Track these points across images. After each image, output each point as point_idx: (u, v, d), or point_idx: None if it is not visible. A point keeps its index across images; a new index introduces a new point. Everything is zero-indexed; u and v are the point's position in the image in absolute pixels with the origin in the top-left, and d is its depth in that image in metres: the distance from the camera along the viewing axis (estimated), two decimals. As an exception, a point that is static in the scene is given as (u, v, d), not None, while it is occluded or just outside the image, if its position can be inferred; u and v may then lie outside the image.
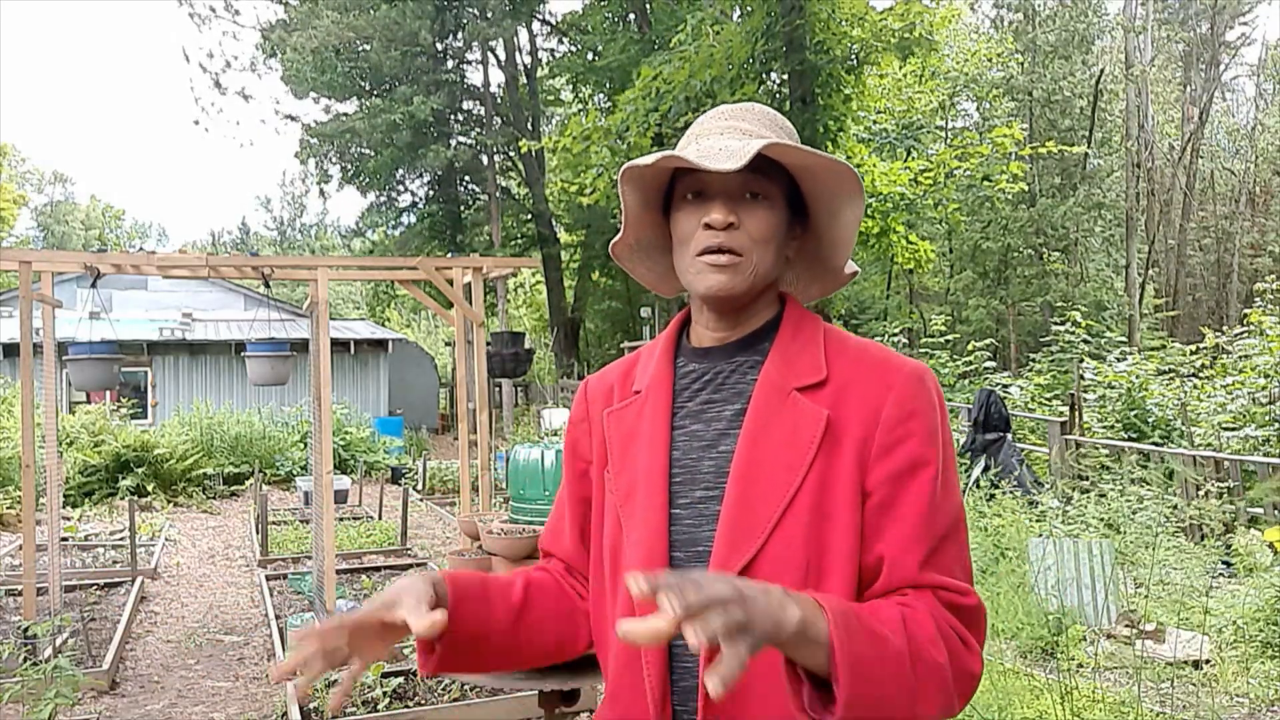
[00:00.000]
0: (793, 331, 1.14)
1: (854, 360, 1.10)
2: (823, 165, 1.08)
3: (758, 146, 1.03)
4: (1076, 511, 6.01)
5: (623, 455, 1.16)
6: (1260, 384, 10.45)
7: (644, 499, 1.11)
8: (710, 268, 1.09)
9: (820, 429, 1.05)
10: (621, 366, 1.27)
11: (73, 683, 4.17)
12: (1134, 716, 3.64)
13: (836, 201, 1.13)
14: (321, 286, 5.62)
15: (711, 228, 1.08)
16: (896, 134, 14.88)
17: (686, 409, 1.15)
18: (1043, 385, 14.73)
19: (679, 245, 1.14)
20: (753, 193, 1.09)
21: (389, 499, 10.79)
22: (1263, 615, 4.83)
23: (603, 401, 1.24)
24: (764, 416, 1.08)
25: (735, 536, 1.03)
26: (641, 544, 1.10)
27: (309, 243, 53.20)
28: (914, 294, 25.16)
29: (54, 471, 5.58)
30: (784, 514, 1.02)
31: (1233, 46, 30.95)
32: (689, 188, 1.11)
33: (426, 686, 4.51)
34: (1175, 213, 28.96)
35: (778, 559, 1.01)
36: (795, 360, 1.11)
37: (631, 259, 1.25)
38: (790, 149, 1.06)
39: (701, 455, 1.11)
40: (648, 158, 1.09)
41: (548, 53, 23.07)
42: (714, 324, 1.16)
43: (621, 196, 1.15)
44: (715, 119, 1.16)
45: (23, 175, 48.57)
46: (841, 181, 1.10)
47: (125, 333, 15.53)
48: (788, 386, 1.09)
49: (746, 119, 1.14)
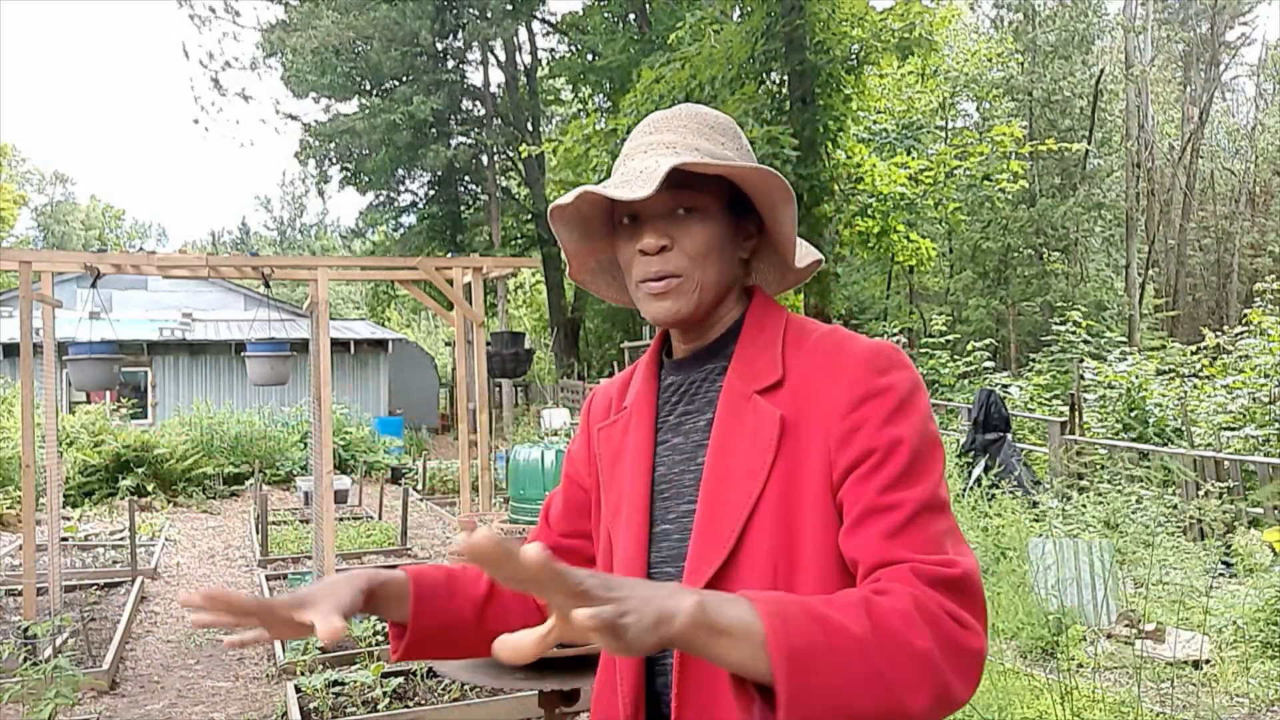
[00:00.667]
0: (754, 332, 1.11)
1: (810, 353, 1.07)
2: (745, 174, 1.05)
3: (665, 168, 0.99)
4: (1076, 511, 6.01)
5: (611, 472, 1.17)
6: (1260, 384, 10.45)
7: (627, 517, 1.12)
8: (652, 297, 1.08)
9: (776, 430, 1.02)
10: (623, 377, 1.27)
11: (73, 683, 4.17)
12: (1134, 716, 3.64)
13: (771, 202, 1.09)
14: (321, 287, 5.62)
15: (646, 254, 1.07)
16: (896, 134, 14.88)
17: (669, 422, 1.15)
18: (1042, 385, 14.74)
19: (624, 273, 1.13)
20: (686, 208, 1.06)
21: (389, 499, 10.79)
22: (1263, 615, 4.83)
23: (600, 415, 1.25)
24: (727, 424, 1.07)
25: (703, 547, 1.03)
26: (623, 564, 1.10)
27: (309, 243, 53.21)
28: (914, 294, 25.16)
29: (54, 471, 5.58)
30: (749, 520, 1.01)
31: (1233, 46, 30.96)
32: (623, 212, 1.09)
33: (427, 687, 4.51)
34: (1175, 213, 28.97)
35: (746, 565, 1.00)
36: (754, 362, 1.09)
37: (595, 282, 1.24)
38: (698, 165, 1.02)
39: (683, 469, 1.10)
40: (567, 197, 1.08)
41: (547, 53, 23.07)
42: (680, 336, 1.16)
43: (557, 235, 1.15)
44: (640, 135, 1.12)
45: (23, 175, 48.59)
46: (770, 183, 1.06)
47: (125, 333, 15.53)
48: (748, 390, 1.07)
49: (672, 128, 1.10)
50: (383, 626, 5.38)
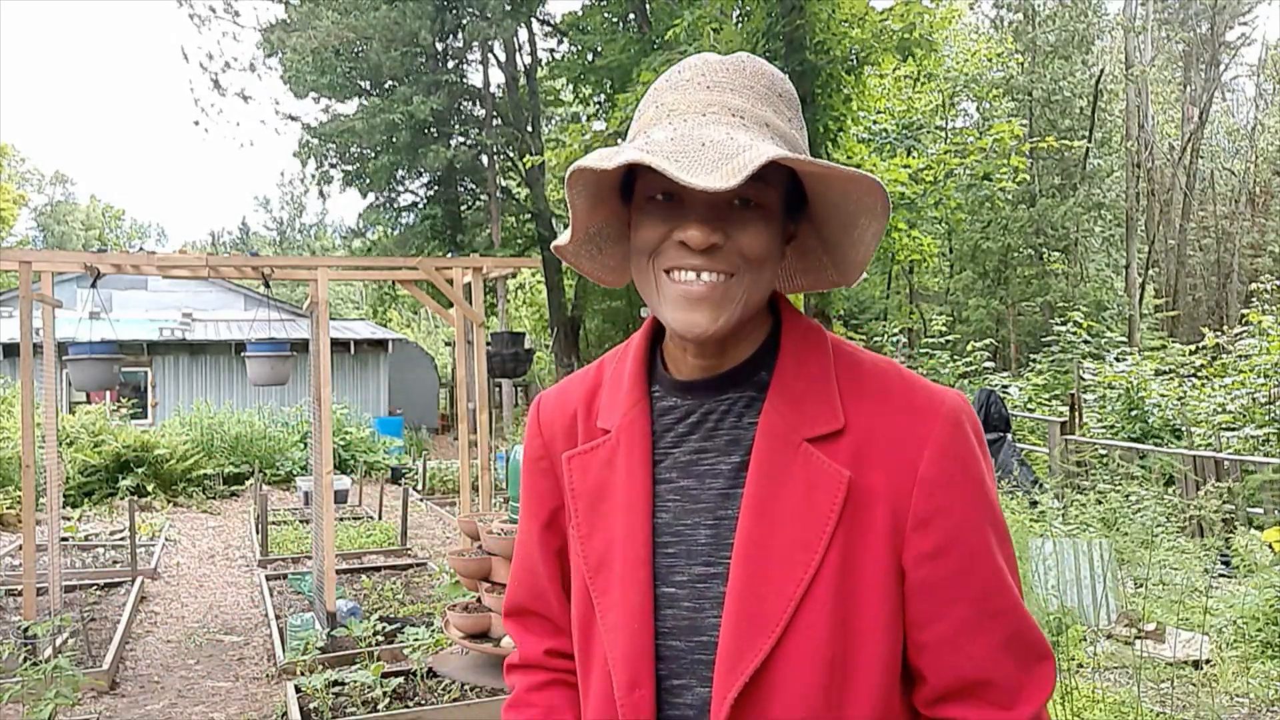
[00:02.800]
0: (796, 360, 0.92)
1: (876, 399, 0.89)
2: (841, 178, 0.85)
3: (759, 160, 0.78)
4: (1076, 511, 6.01)
5: (590, 514, 0.96)
6: (1260, 384, 10.44)
7: (622, 573, 0.92)
8: (685, 301, 0.86)
9: (841, 494, 0.86)
10: (585, 385, 1.03)
11: (73, 683, 4.17)
12: (1134, 716, 3.64)
13: (854, 211, 0.89)
14: (321, 287, 5.62)
15: (688, 247, 0.86)
16: (896, 134, 14.89)
17: (672, 458, 0.93)
18: (1042, 385, 14.74)
19: (638, 253, 0.90)
20: (743, 199, 0.86)
21: (389, 499, 10.79)
22: (1263, 615, 4.83)
23: (563, 437, 1.01)
24: (770, 477, 0.88)
25: (745, 631, 0.85)
26: (622, 629, 0.91)
27: (309, 243, 53.20)
28: (914, 294, 25.13)
29: (54, 471, 5.58)
30: (802, 601, 0.85)
31: (1233, 46, 30.95)
32: (658, 185, 0.87)
33: (427, 687, 4.51)
34: (1175, 213, 28.95)
35: (798, 657, 0.85)
36: (802, 401, 0.89)
37: (576, 254, 0.99)
38: (805, 163, 0.82)
39: (697, 521, 0.91)
40: (607, 158, 0.84)
41: (547, 53, 23.07)
42: (694, 352, 0.93)
43: (569, 201, 0.90)
44: (695, 86, 0.88)
45: (23, 175, 48.56)
46: (864, 191, 0.85)
47: (125, 333, 15.53)
48: (797, 437, 0.88)
49: (736, 88, 0.87)
50: (382, 626, 5.38)
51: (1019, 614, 0.88)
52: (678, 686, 0.90)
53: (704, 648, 0.88)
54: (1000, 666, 0.86)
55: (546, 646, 1.05)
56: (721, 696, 0.85)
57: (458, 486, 11.54)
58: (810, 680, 0.85)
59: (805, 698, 0.85)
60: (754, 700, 0.85)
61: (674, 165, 0.79)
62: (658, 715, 0.90)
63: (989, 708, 0.86)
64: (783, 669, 0.85)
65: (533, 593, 1.07)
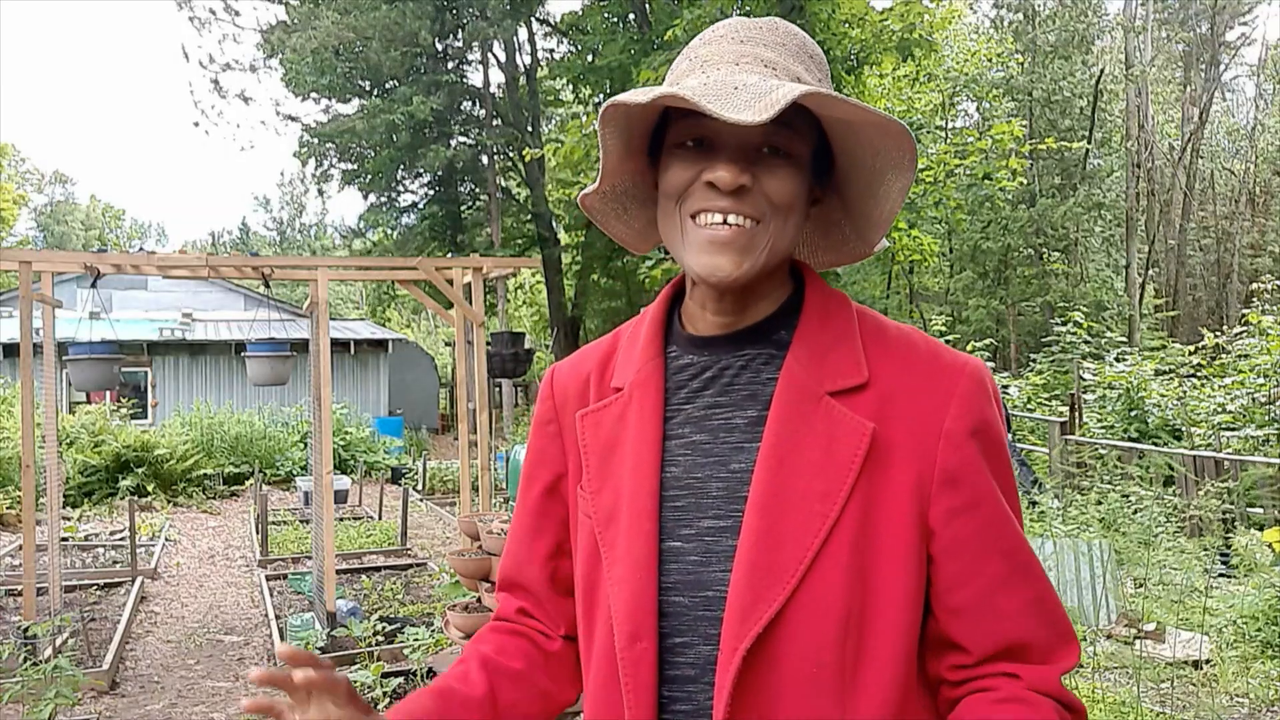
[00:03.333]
0: (820, 319, 0.91)
1: (900, 357, 0.89)
2: (871, 122, 0.84)
3: (793, 94, 0.78)
4: (1076, 511, 6.01)
5: (601, 469, 0.94)
6: (1259, 384, 10.45)
7: (629, 525, 0.90)
8: (710, 245, 0.86)
9: (864, 445, 0.85)
10: (599, 351, 1.02)
11: (73, 683, 4.17)
12: (1134, 716, 3.64)
13: (880, 167, 0.89)
14: (321, 287, 5.62)
15: (716, 188, 0.85)
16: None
17: (685, 413, 0.92)
18: (1041, 385, 14.74)
19: (666, 198, 0.90)
20: (773, 147, 0.86)
21: (389, 499, 10.79)
22: (1263, 615, 4.83)
23: (576, 399, 1.00)
24: (790, 428, 0.86)
25: (757, 583, 0.83)
26: (626, 582, 0.89)
27: (309, 243, 53.20)
28: (914, 294, 25.13)
29: (54, 471, 5.58)
30: (819, 553, 0.83)
31: (1233, 46, 30.94)
32: (689, 132, 0.87)
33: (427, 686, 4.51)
34: (1175, 213, 28.96)
35: (811, 610, 0.82)
36: (826, 356, 0.89)
37: (604, 211, 0.99)
38: (837, 101, 0.81)
39: (709, 474, 0.89)
40: (641, 94, 0.83)
41: (547, 53, 23.07)
42: (715, 306, 0.93)
43: (601, 141, 0.90)
44: (728, 40, 0.89)
45: (23, 175, 48.57)
46: (892, 144, 0.86)
47: (125, 333, 15.53)
48: (819, 390, 0.87)
49: (769, 43, 0.88)
50: (382, 626, 5.38)
51: (1041, 572, 0.87)
52: (679, 644, 0.87)
53: (708, 604, 0.86)
54: (1035, 629, 0.85)
55: (520, 606, 1.05)
56: (732, 648, 0.82)
57: (458, 486, 11.54)
58: (824, 635, 0.82)
59: (819, 653, 0.82)
60: (765, 654, 0.83)
61: (709, 102, 0.79)
62: (659, 673, 0.87)
63: (1024, 664, 0.85)
64: (796, 622, 0.82)
65: (517, 561, 1.06)
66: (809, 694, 0.82)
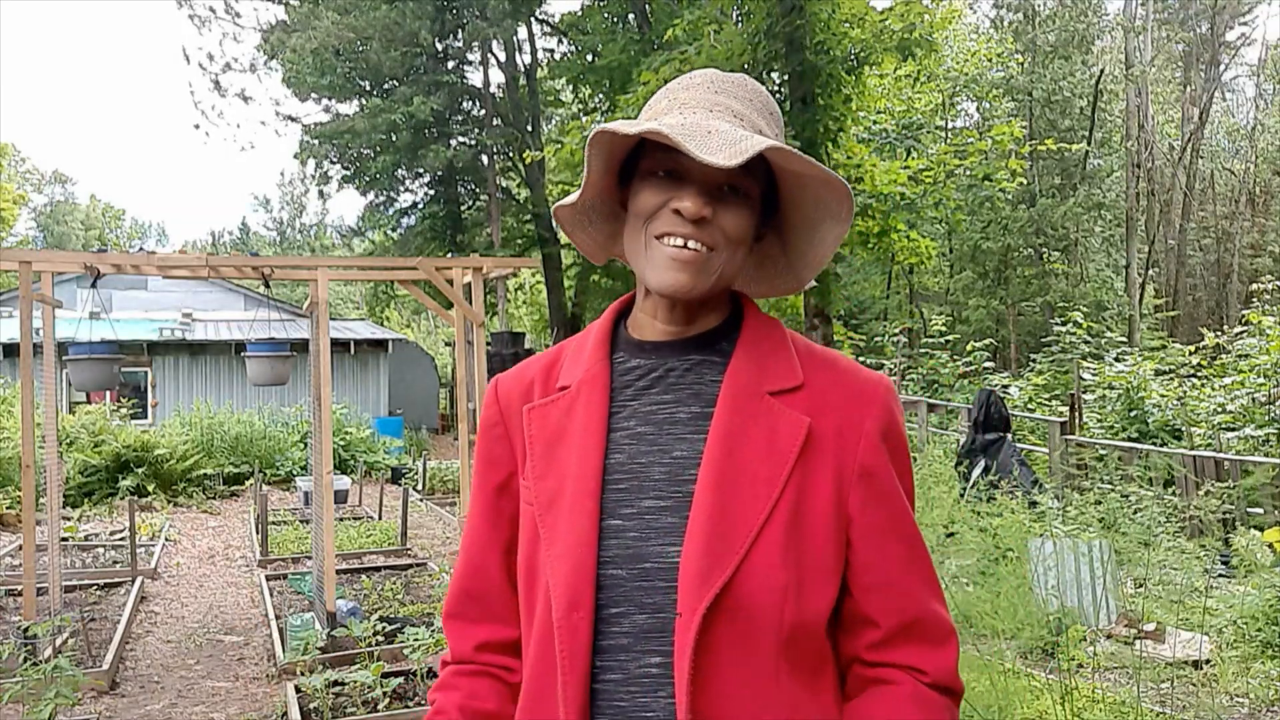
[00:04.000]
0: (757, 334, 1.04)
1: (828, 369, 1.03)
2: (819, 177, 0.97)
3: (761, 145, 0.91)
4: (1076, 511, 6.01)
5: (545, 458, 1.02)
6: (1259, 384, 10.45)
7: (571, 505, 0.97)
8: (672, 262, 0.97)
9: (801, 436, 0.97)
10: (543, 361, 1.12)
11: (73, 683, 4.17)
12: (1134, 716, 3.64)
13: (820, 216, 1.02)
14: (321, 287, 5.62)
15: (681, 216, 0.96)
16: (896, 134, 14.89)
17: (630, 408, 1.02)
18: (1041, 385, 14.74)
19: (635, 218, 1.01)
20: (733, 187, 0.98)
21: (389, 499, 10.80)
22: (1263, 615, 4.83)
23: (520, 403, 1.08)
24: (737, 419, 0.97)
25: (711, 551, 0.92)
26: (567, 557, 0.95)
27: (309, 243, 53.20)
28: (914, 294, 25.15)
29: (54, 471, 5.58)
30: (763, 528, 0.93)
31: (1233, 46, 30.95)
32: (663, 164, 0.98)
33: (427, 687, 4.51)
34: (1175, 213, 28.96)
35: (757, 576, 0.92)
36: (765, 362, 1.01)
37: (573, 222, 1.09)
38: (794, 156, 0.94)
39: (652, 460, 0.99)
40: (628, 125, 0.95)
41: (547, 53, 23.07)
42: (665, 315, 1.04)
43: (586, 161, 1.00)
44: (704, 89, 1.01)
45: (23, 175, 48.58)
46: (834, 197, 0.99)
47: (125, 333, 15.53)
48: (761, 389, 0.99)
49: (738, 97, 1.02)
50: (382, 626, 5.38)
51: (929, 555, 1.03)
52: (615, 615, 0.95)
53: (645, 575, 0.94)
54: (928, 604, 1.00)
55: (478, 641, 1.09)
56: (692, 608, 0.90)
57: (458, 486, 11.54)
58: (767, 601, 0.92)
59: (762, 616, 0.92)
60: (717, 614, 0.91)
61: (688, 142, 0.91)
62: (593, 643, 0.94)
63: (926, 645, 0.99)
64: (743, 589, 0.91)
65: (476, 569, 1.10)
66: (752, 652, 0.92)
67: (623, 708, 0.94)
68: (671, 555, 0.94)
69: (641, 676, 0.94)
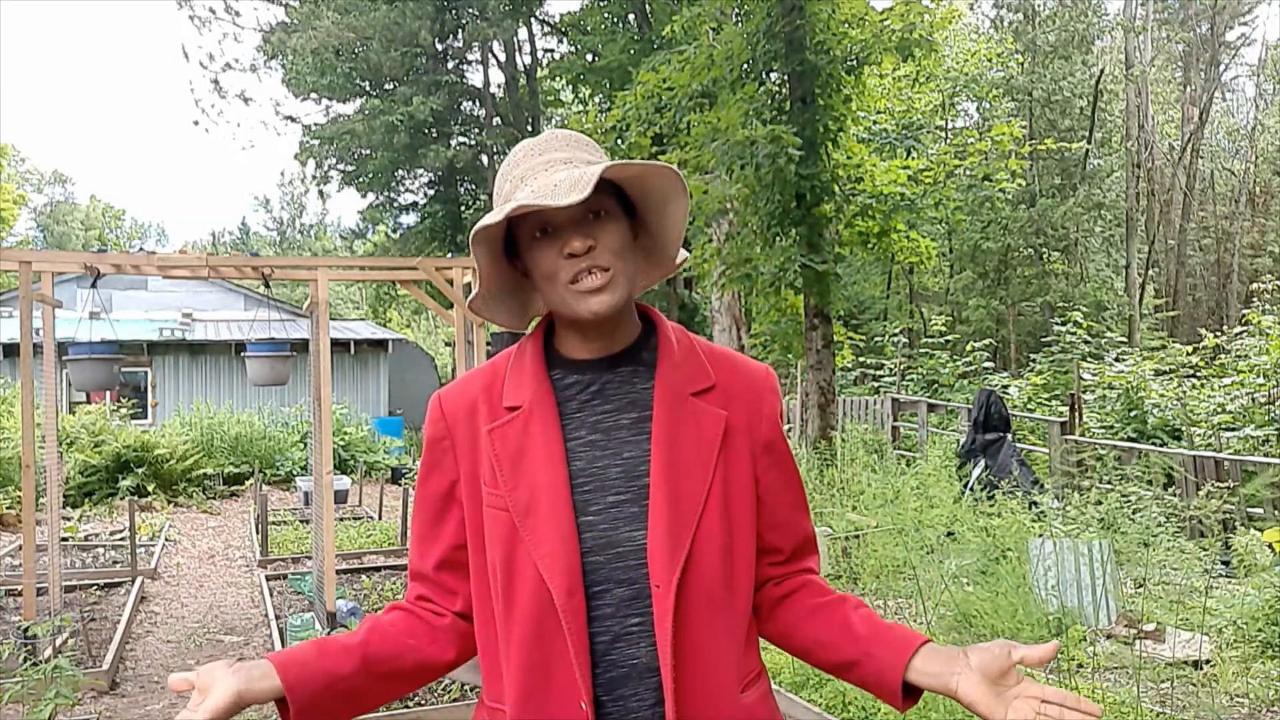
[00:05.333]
0: (671, 343, 1.24)
1: (726, 365, 1.27)
2: (651, 171, 1.16)
3: (598, 172, 1.09)
4: (1076, 511, 6.01)
5: (514, 472, 1.18)
6: (1260, 384, 10.45)
7: (549, 511, 1.15)
8: (587, 293, 1.15)
9: (721, 429, 1.20)
10: (480, 379, 1.27)
11: (73, 683, 4.17)
12: (1134, 716, 3.64)
13: (665, 200, 1.21)
14: (321, 287, 5.62)
15: (575, 256, 1.14)
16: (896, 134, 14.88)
17: (579, 420, 1.21)
18: (1041, 385, 14.74)
19: (545, 281, 1.18)
20: (595, 212, 1.16)
21: (389, 499, 10.80)
22: (1263, 615, 4.83)
23: (465, 418, 1.24)
24: (671, 421, 1.19)
25: (671, 531, 1.14)
26: (556, 555, 1.14)
27: (309, 243, 53.18)
28: (914, 294, 25.14)
29: (54, 471, 5.58)
30: (704, 507, 1.16)
31: (1233, 46, 30.95)
32: (534, 227, 1.16)
33: (427, 687, 4.51)
34: (1175, 213, 28.96)
35: (705, 546, 1.15)
36: (683, 368, 1.22)
37: (489, 308, 1.27)
38: (625, 165, 1.13)
39: (608, 463, 1.18)
40: (495, 215, 1.12)
41: (547, 53, 23.06)
42: (593, 335, 1.22)
43: (475, 258, 1.18)
44: (529, 157, 1.20)
45: (23, 175, 48.56)
46: (667, 182, 1.18)
47: (125, 333, 15.53)
48: (684, 392, 1.21)
49: (558, 148, 1.20)
50: (383, 626, 5.38)
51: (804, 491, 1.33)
52: (599, 591, 1.15)
53: (620, 556, 1.15)
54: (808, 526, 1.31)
55: (419, 594, 1.29)
56: (667, 581, 1.13)
57: (458, 486, 11.53)
58: (715, 564, 1.16)
59: (713, 576, 1.16)
60: (683, 582, 1.14)
61: (545, 200, 1.09)
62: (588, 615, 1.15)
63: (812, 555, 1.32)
64: (698, 556, 1.15)
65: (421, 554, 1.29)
66: (711, 606, 1.16)
67: (614, 660, 1.15)
68: (639, 539, 1.15)
69: (625, 635, 1.15)
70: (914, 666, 1.15)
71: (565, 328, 1.25)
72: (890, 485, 6.77)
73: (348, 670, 1.18)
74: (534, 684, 1.15)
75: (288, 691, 1.11)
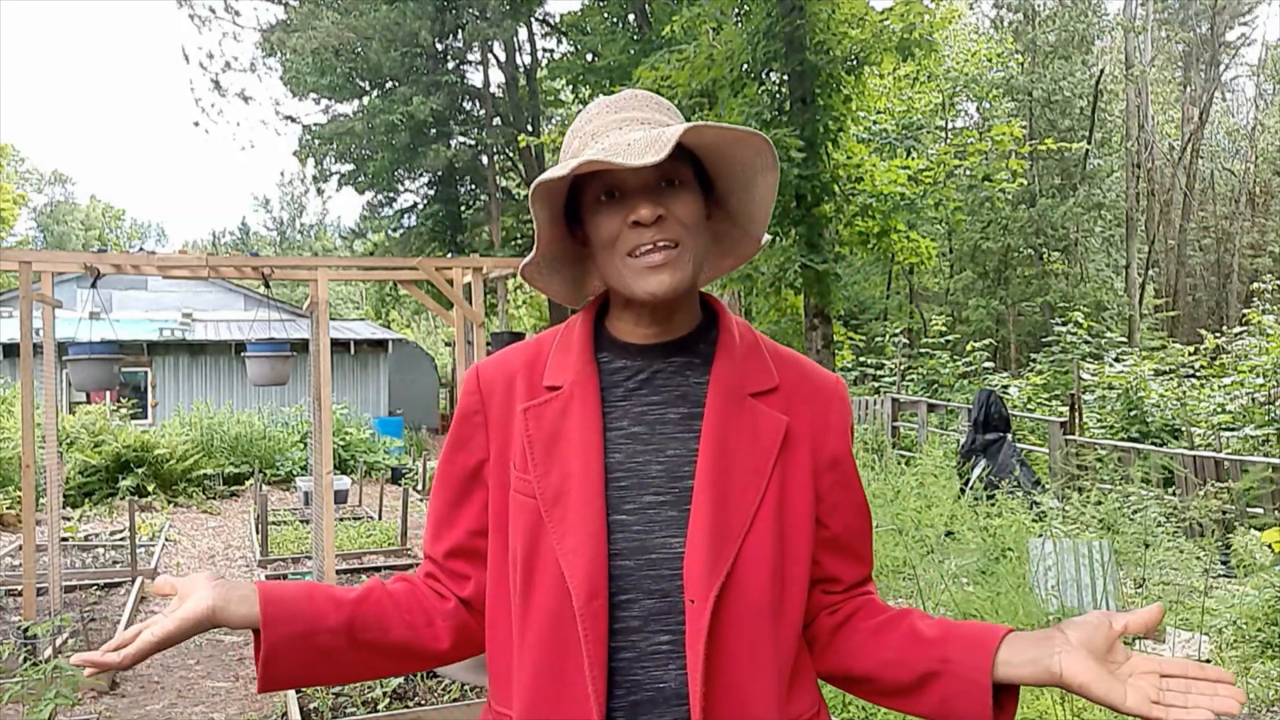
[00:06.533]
0: (733, 336, 1.13)
1: (793, 369, 1.15)
2: (736, 138, 1.03)
3: (677, 132, 0.97)
4: (1076, 511, 6.01)
5: (546, 456, 1.07)
6: (1259, 384, 10.45)
7: (578, 503, 1.04)
8: (649, 270, 1.03)
9: (781, 435, 1.08)
10: (523, 355, 1.16)
11: (73, 683, 4.17)
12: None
13: (750, 174, 1.09)
14: (321, 287, 5.62)
15: (641, 224, 1.03)
16: (896, 134, 14.89)
17: (622, 409, 1.09)
18: (1041, 385, 14.74)
19: (603, 249, 1.07)
20: (668, 180, 1.04)
21: (389, 499, 10.80)
22: (1263, 615, 4.83)
23: (502, 395, 1.13)
24: (725, 422, 1.07)
25: (713, 541, 1.01)
26: (580, 551, 1.02)
27: (309, 243, 53.19)
28: (914, 294, 25.14)
29: (54, 471, 5.58)
30: (754, 518, 1.04)
31: (1233, 46, 30.96)
32: (601, 190, 1.05)
33: (427, 687, 4.52)
34: (1175, 213, 28.96)
35: (751, 562, 1.03)
36: (744, 365, 1.11)
37: (542, 276, 1.15)
38: (708, 128, 1.00)
39: (649, 459, 1.07)
40: (560, 169, 1.01)
41: (547, 53, 23.07)
42: (646, 321, 1.11)
43: (534, 216, 1.06)
44: (606, 113, 1.09)
45: (23, 175, 48.56)
46: (756, 153, 1.05)
47: (125, 333, 15.53)
48: (743, 392, 1.09)
49: (635, 107, 1.09)
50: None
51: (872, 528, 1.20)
52: (625, 600, 1.03)
53: (652, 565, 1.03)
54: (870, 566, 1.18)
55: (429, 572, 1.19)
56: (704, 595, 1.01)
57: (458, 486, 11.52)
58: (761, 581, 1.03)
59: (759, 595, 1.04)
60: (723, 597, 1.02)
61: (617, 158, 0.97)
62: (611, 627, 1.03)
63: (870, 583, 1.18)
64: (744, 570, 1.03)
65: (437, 537, 1.18)
66: (753, 631, 1.03)
67: (638, 681, 1.03)
68: (675, 546, 1.03)
69: (653, 653, 1.03)
70: (1002, 660, 1.00)
71: (619, 307, 1.13)
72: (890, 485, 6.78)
73: (332, 624, 1.07)
74: (543, 696, 1.03)
75: (264, 627, 1.02)
